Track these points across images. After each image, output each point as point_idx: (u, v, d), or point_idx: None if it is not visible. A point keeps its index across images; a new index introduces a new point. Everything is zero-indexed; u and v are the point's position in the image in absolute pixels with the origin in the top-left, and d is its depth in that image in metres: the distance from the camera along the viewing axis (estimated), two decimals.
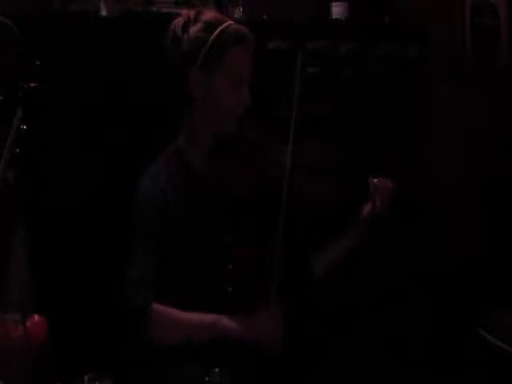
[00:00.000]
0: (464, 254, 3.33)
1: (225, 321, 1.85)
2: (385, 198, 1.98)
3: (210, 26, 1.89)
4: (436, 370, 3.01)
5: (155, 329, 1.83)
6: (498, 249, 3.34)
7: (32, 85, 1.80)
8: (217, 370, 1.82)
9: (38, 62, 1.84)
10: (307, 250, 2.09)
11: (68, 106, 2.49)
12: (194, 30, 1.89)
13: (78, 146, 2.52)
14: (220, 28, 1.89)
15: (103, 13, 2.47)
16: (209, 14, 1.94)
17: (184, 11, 1.95)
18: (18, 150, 1.76)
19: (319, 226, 2.07)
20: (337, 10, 2.95)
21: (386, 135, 2.95)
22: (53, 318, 1.97)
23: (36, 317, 1.86)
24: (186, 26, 1.90)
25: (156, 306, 1.83)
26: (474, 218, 3.42)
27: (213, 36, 1.87)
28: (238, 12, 2.60)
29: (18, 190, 1.85)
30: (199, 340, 1.85)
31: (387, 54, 2.96)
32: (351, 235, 2.06)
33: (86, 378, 1.76)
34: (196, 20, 1.90)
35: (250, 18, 2.52)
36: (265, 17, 2.72)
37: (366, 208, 2.02)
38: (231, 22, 1.95)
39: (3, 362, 1.75)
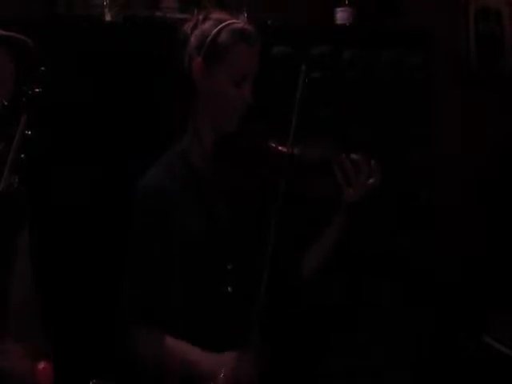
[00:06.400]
0: (464, 254, 3.34)
1: (207, 360, 1.85)
2: (358, 182, 1.96)
3: (218, 23, 1.93)
4: (436, 370, 3.03)
5: (144, 350, 1.90)
6: (499, 250, 3.36)
7: (36, 90, 1.80)
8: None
9: (42, 68, 1.84)
10: (299, 249, 2.10)
11: (72, 110, 2.50)
12: (203, 27, 1.94)
13: (82, 150, 2.54)
14: (225, 23, 1.93)
15: (107, 18, 2.48)
16: (219, 14, 1.98)
17: (195, 14, 2.00)
18: (22, 156, 1.77)
19: (312, 223, 2.08)
20: (341, 16, 2.96)
21: (389, 139, 2.95)
22: (56, 323, 1.98)
23: (43, 364, 1.78)
24: (196, 25, 1.95)
25: (151, 332, 1.89)
26: (474, 219, 3.44)
27: (216, 29, 1.91)
28: (243, 18, 2.60)
29: (21, 195, 1.85)
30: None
31: (391, 58, 2.96)
32: (333, 225, 2.05)
33: None
34: (206, 18, 1.95)
35: (255, 24, 2.52)
36: (269, 22, 2.73)
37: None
38: (240, 22, 1.98)
39: None
